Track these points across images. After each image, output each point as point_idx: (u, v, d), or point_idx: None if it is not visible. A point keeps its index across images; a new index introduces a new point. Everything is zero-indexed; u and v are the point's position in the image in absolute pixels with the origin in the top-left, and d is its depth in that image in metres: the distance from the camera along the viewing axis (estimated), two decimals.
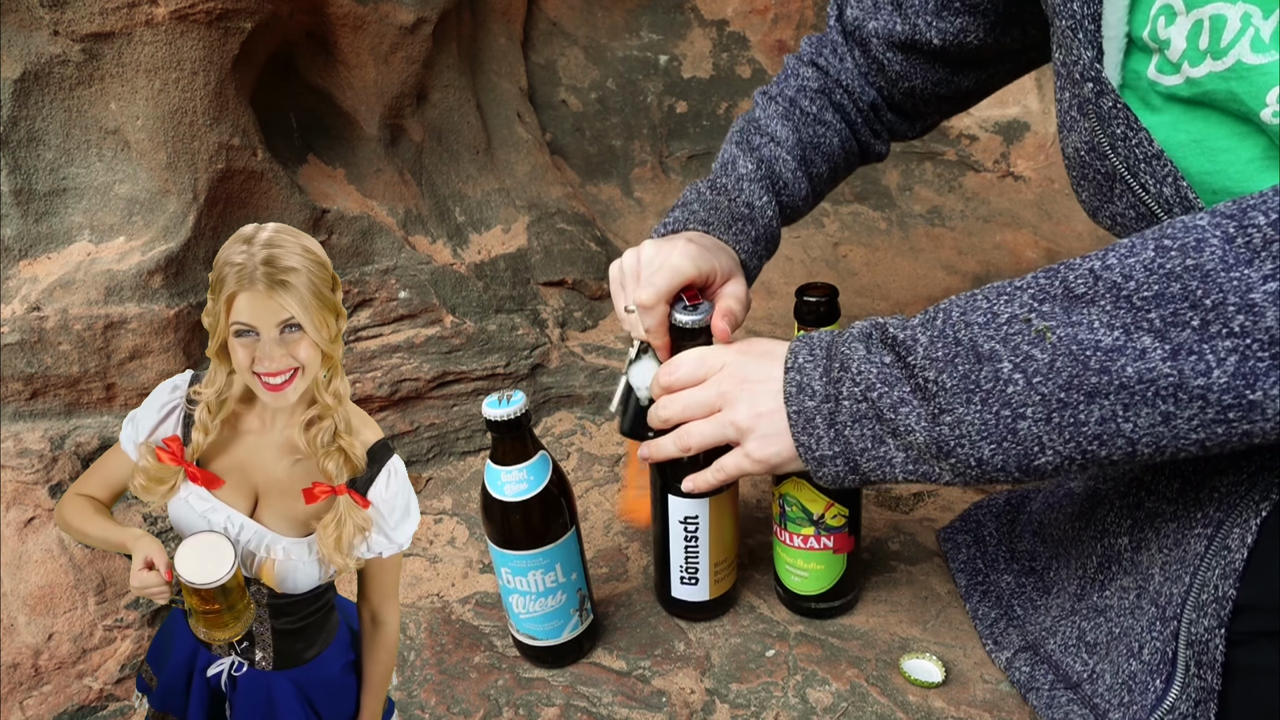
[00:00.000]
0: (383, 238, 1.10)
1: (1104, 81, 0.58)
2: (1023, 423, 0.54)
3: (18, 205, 0.89)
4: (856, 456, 0.62)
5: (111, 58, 0.87)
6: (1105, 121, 0.59)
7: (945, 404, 0.57)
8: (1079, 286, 0.53)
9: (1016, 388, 0.54)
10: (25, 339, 0.87)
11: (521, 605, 0.78)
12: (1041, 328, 0.53)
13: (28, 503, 0.86)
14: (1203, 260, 0.48)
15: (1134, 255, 0.51)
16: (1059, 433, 0.53)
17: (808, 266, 1.46)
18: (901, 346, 0.60)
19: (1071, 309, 0.52)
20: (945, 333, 0.58)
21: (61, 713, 0.81)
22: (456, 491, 1.08)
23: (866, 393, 0.61)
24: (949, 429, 0.57)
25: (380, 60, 1.12)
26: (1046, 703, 0.72)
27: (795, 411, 0.64)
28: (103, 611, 0.85)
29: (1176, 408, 0.50)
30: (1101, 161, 0.60)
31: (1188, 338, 0.48)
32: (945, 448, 0.57)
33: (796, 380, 0.64)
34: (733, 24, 1.47)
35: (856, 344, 0.63)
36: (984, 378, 0.55)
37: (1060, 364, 0.52)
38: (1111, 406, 0.51)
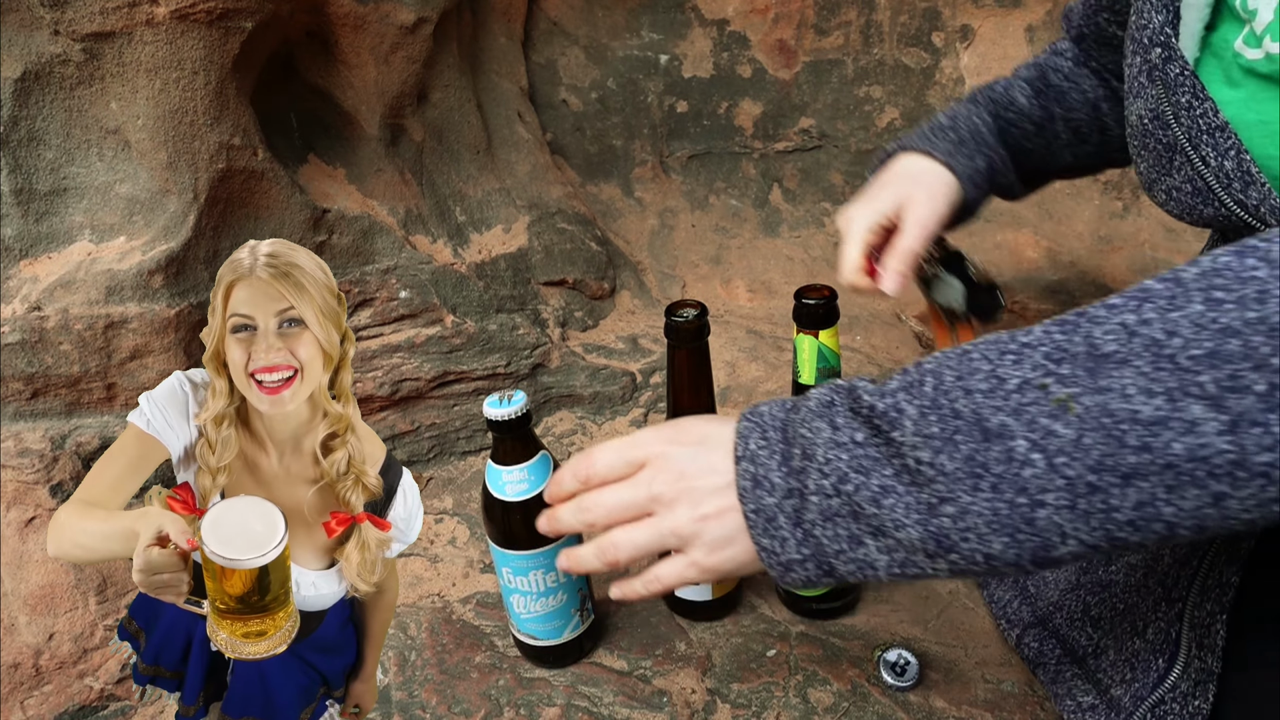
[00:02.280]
0: (383, 237, 1.10)
1: (1173, 47, 0.55)
2: (1042, 510, 0.45)
3: (18, 205, 0.89)
4: (831, 559, 0.51)
5: (112, 57, 0.87)
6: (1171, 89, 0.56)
7: (946, 492, 0.46)
8: (1108, 343, 0.44)
9: (1035, 470, 0.44)
10: (26, 339, 0.86)
11: (522, 605, 0.78)
12: (1063, 396, 0.44)
13: (28, 503, 0.86)
14: (1267, 313, 0.40)
15: (1177, 309, 0.42)
16: (1085, 521, 0.44)
17: (808, 266, 1.46)
18: (882, 420, 0.49)
19: (1100, 372, 0.43)
20: (939, 403, 0.47)
21: (62, 713, 0.81)
22: (457, 491, 1.08)
23: (839, 485, 0.50)
24: (951, 521, 0.47)
25: (381, 60, 1.11)
26: (1053, 677, 0.72)
27: (753, 510, 0.52)
28: (103, 611, 0.85)
29: (1232, 487, 0.41)
30: (1164, 131, 0.57)
31: (1250, 406, 0.40)
32: (945, 543, 0.47)
33: (750, 473, 0.53)
34: (733, 24, 1.47)
35: (819, 422, 0.52)
36: (994, 459, 0.45)
37: (1089, 441, 0.43)
38: (1152, 489, 0.42)
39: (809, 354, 0.74)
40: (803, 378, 0.75)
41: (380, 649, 0.74)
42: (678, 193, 1.53)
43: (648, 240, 1.48)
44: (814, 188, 1.54)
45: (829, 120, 1.50)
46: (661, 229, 1.50)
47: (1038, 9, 1.39)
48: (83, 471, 0.88)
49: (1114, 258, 1.38)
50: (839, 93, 1.48)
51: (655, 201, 1.51)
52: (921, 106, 1.46)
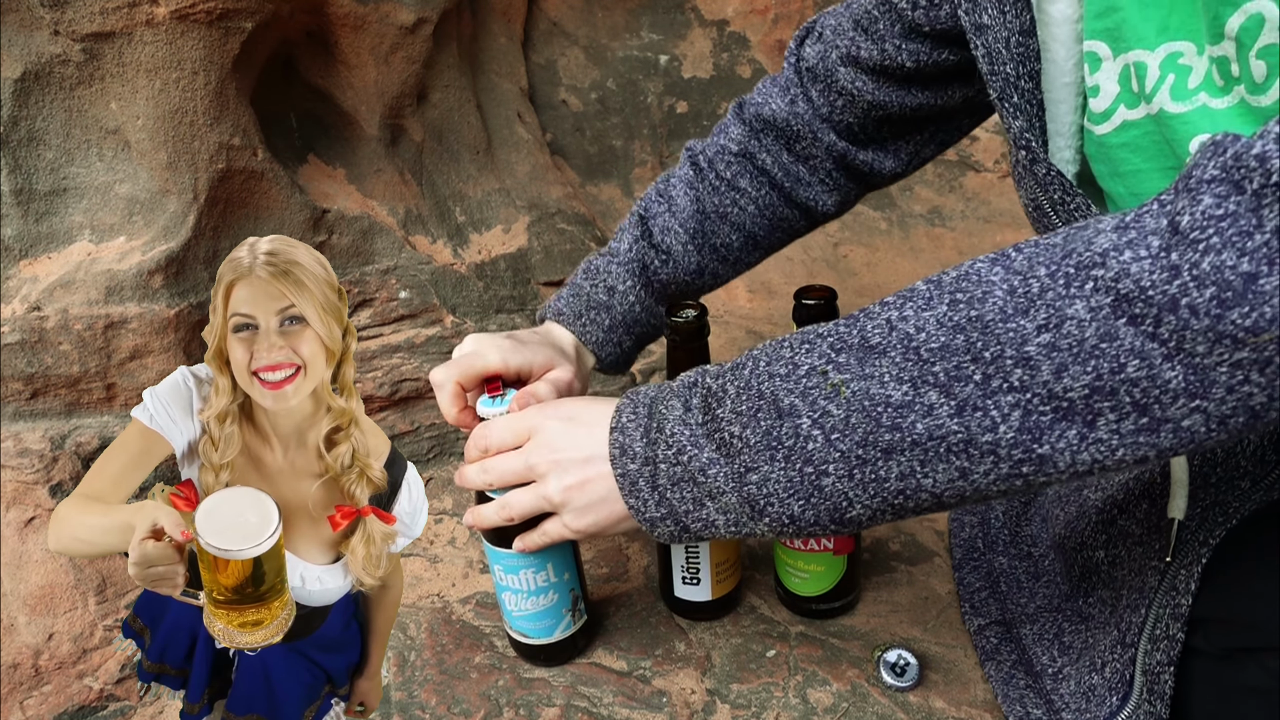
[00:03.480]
0: (383, 238, 1.10)
1: (1034, 150, 0.58)
2: (826, 479, 0.52)
3: (18, 205, 0.89)
4: (683, 518, 0.60)
5: (112, 57, 0.87)
6: (1044, 186, 0.59)
7: (750, 462, 0.54)
8: (874, 336, 0.51)
9: (816, 444, 0.52)
10: (25, 339, 0.86)
11: (513, 603, 0.78)
12: (837, 381, 0.51)
13: (28, 503, 0.86)
14: (984, 311, 0.46)
15: (930, 308, 0.49)
16: (863, 489, 0.51)
17: (808, 267, 1.46)
18: (713, 398, 0.57)
19: (866, 361, 0.50)
20: (750, 384, 0.55)
21: (61, 713, 0.81)
22: (457, 491, 1.08)
23: (678, 455, 0.58)
24: (756, 488, 0.54)
25: (381, 60, 1.12)
26: (1004, 678, 0.75)
27: (620, 475, 0.61)
28: (103, 611, 0.85)
29: (970, 463, 0.48)
30: (1045, 219, 0.61)
31: (971, 393, 0.47)
32: (756, 506, 0.55)
33: (620, 442, 0.61)
34: (733, 24, 1.47)
35: (674, 401, 0.60)
36: (785, 434, 0.53)
37: (855, 420, 0.50)
38: (909, 463, 0.49)
39: None
40: None
41: (385, 646, 0.74)
42: None
43: None
44: None
45: None
46: None
47: None
48: (82, 472, 0.88)
49: None
50: None
51: None
52: None
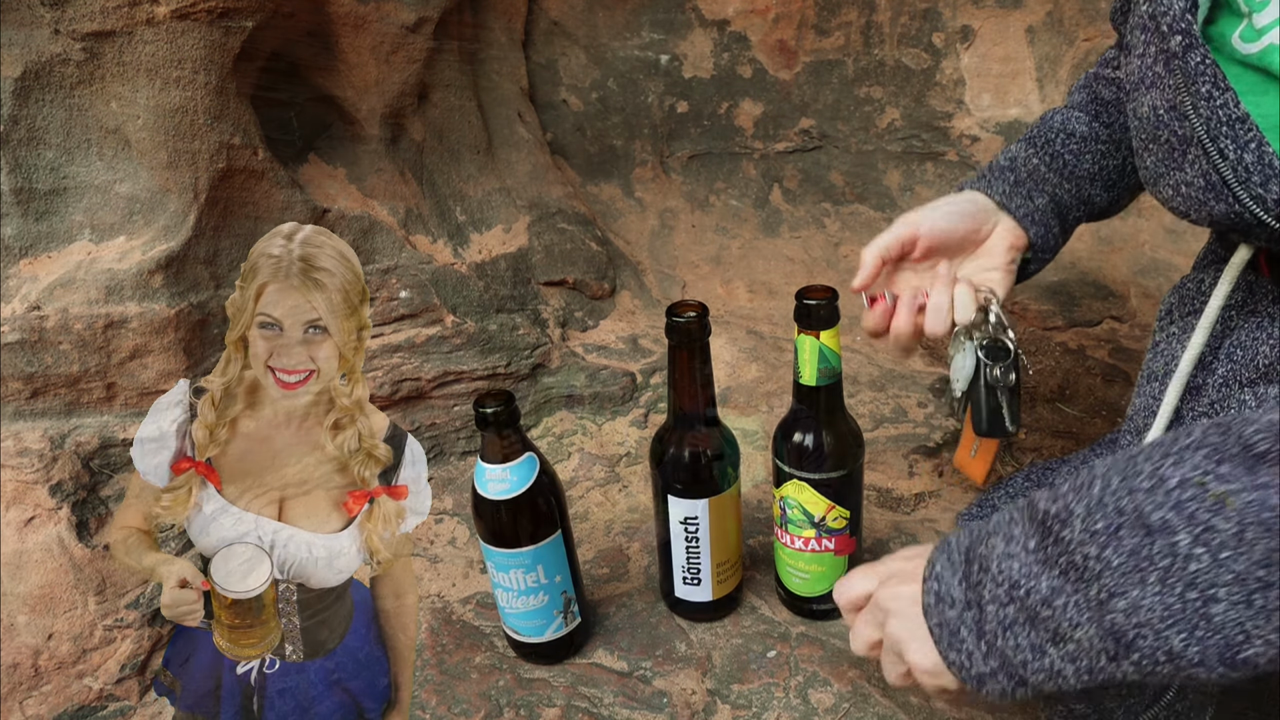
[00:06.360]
0: (383, 237, 1.10)
1: (1193, 34, 0.54)
2: (1217, 606, 0.44)
3: (18, 204, 0.89)
4: (1019, 670, 0.52)
5: (112, 56, 0.87)
6: (1191, 78, 0.54)
7: (1114, 586, 0.46)
8: (1260, 444, 0.44)
9: (1201, 565, 0.44)
10: (25, 338, 0.86)
11: (506, 600, 0.79)
12: (1219, 492, 0.44)
13: (28, 502, 0.85)
14: None
15: None
16: (1265, 619, 0.43)
17: (809, 267, 1.46)
18: (1054, 521, 0.50)
19: (1257, 470, 0.43)
20: (1104, 501, 0.48)
21: (61, 713, 0.81)
22: (457, 491, 1.08)
23: (1011, 592, 0.51)
24: (1124, 616, 0.46)
25: (381, 59, 1.11)
26: None
27: (937, 625, 0.55)
28: (103, 611, 0.85)
29: None
30: (1181, 123, 0.56)
31: None
32: (1123, 640, 0.47)
33: (934, 590, 0.56)
34: (734, 24, 1.47)
35: (995, 538, 0.54)
36: (1157, 553, 0.45)
37: (1251, 535, 0.43)
38: None
39: (810, 355, 0.74)
40: (803, 378, 0.75)
41: (411, 672, 0.75)
42: (678, 193, 1.53)
43: (648, 240, 1.48)
44: (814, 188, 1.54)
45: (829, 121, 1.50)
46: (662, 229, 1.50)
47: (1038, 9, 1.39)
48: (82, 471, 0.88)
49: (1114, 258, 1.38)
50: (839, 93, 1.48)
51: (655, 202, 1.51)
52: (921, 107, 1.46)
